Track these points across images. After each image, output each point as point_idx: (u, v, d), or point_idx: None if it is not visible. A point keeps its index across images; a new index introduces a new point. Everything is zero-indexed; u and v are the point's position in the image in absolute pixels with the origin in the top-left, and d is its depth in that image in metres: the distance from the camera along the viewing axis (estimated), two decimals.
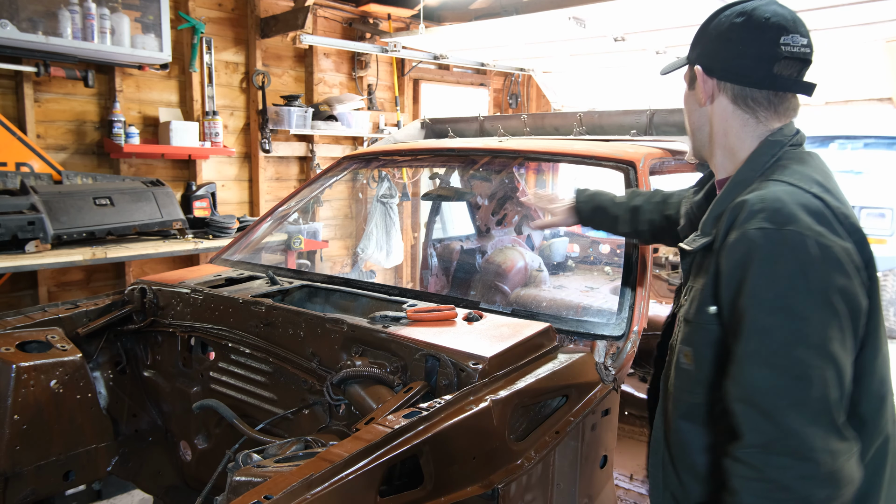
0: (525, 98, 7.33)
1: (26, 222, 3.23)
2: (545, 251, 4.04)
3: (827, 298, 1.09)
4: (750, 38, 1.27)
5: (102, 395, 2.32)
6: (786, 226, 1.11)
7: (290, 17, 4.71)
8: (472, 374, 1.55)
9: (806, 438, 1.06)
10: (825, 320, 1.09)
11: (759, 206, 1.15)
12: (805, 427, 1.06)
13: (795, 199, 1.15)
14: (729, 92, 1.31)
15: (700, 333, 1.27)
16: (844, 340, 1.10)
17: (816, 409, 1.07)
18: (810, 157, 1.30)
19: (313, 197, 3.43)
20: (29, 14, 3.51)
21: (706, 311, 1.24)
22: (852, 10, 3.61)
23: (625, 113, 2.96)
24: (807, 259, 1.09)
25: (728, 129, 1.33)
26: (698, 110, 1.37)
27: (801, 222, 1.11)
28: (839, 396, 1.09)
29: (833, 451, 1.06)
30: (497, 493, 1.35)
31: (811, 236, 1.10)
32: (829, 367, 1.08)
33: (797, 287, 1.09)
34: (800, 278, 1.09)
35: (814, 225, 1.11)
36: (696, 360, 1.28)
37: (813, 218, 1.12)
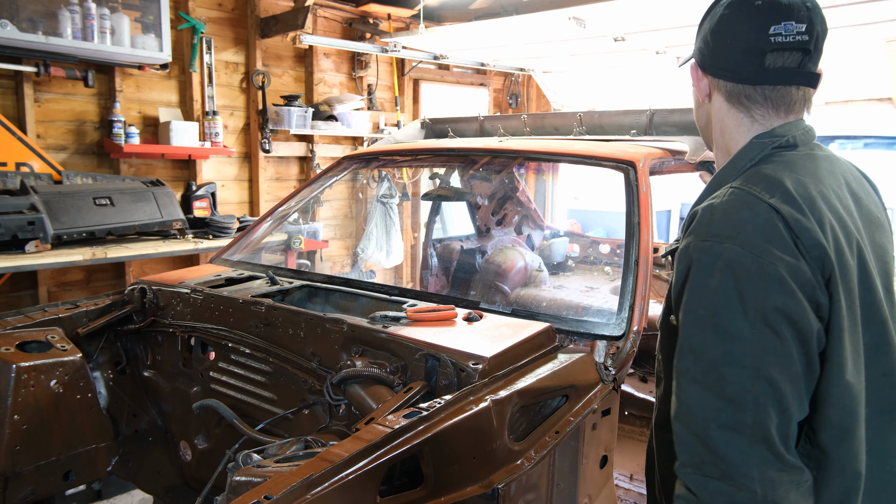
0: (525, 98, 7.33)
1: (26, 222, 3.23)
2: (545, 251, 4.04)
3: (765, 319, 1.01)
4: (738, 30, 1.17)
5: (102, 395, 2.32)
6: (726, 240, 1.05)
7: (290, 17, 4.71)
8: (472, 374, 1.55)
9: (737, 464, 1.00)
10: (762, 342, 1.01)
11: (706, 217, 1.10)
12: (736, 452, 1.00)
13: (745, 211, 1.08)
14: (723, 89, 1.23)
15: (665, 342, 1.24)
16: (788, 364, 1.02)
17: (751, 434, 1.00)
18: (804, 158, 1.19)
19: (313, 197, 3.43)
20: (29, 14, 3.51)
21: (667, 320, 1.20)
22: (852, 10, 3.61)
23: (625, 113, 2.96)
24: (743, 276, 1.03)
25: (724, 129, 1.25)
26: (701, 107, 1.31)
27: (743, 237, 1.04)
28: (781, 423, 1.02)
29: (770, 479, 0.99)
30: (497, 493, 1.35)
31: (752, 252, 1.03)
32: (765, 391, 1.01)
33: (731, 305, 1.03)
34: (734, 296, 1.03)
35: (758, 240, 1.04)
36: (665, 370, 1.24)
37: (759, 232, 1.05)
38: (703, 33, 1.25)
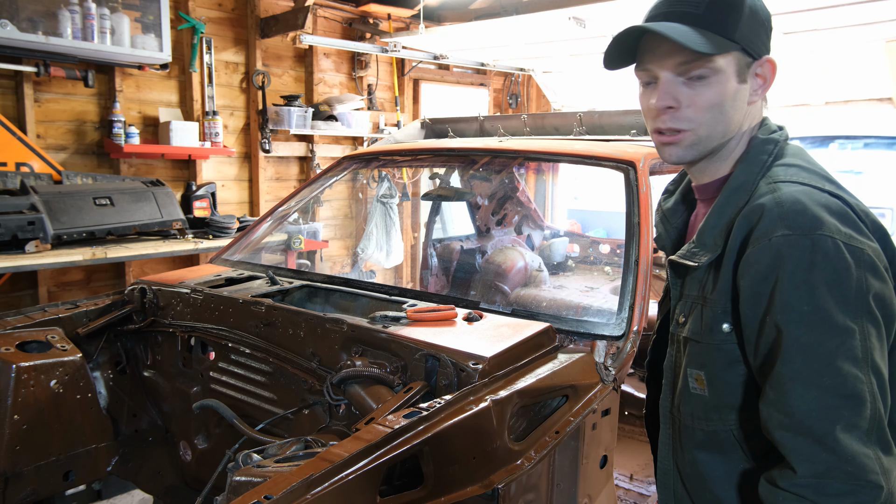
0: (525, 98, 7.33)
1: (26, 222, 3.23)
2: (545, 251, 4.04)
3: (866, 306, 0.99)
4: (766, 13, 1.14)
5: (102, 395, 2.32)
6: (814, 231, 1.00)
7: (290, 17, 4.71)
8: (472, 374, 1.55)
9: (862, 461, 0.96)
10: (867, 330, 0.99)
11: (776, 211, 1.04)
12: (861, 448, 0.97)
13: (815, 200, 1.04)
14: None
15: (714, 355, 1.15)
16: (884, 349, 1.02)
17: (868, 427, 0.98)
18: (801, 151, 1.19)
19: (313, 197, 3.43)
20: (29, 14, 3.51)
21: (720, 330, 1.13)
22: (852, 10, 3.61)
23: (625, 113, 2.96)
24: (841, 265, 0.99)
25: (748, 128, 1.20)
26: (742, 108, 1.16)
27: (827, 225, 1.01)
28: (886, 409, 1.00)
29: (887, 471, 0.98)
30: (497, 493, 1.35)
31: (841, 240, 1.00)
32: (876, 381, 0.99)
33: (836, 297, 0.99)
34: (837, 287, 0.99)
35: (841, 227, 1.01)
36: (711, 383, 1.16)
37: (838, 219, 1.02)
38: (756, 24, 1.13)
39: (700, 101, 1.13)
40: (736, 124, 1.17)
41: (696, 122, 1.15)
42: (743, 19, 1.10)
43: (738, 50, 1.11)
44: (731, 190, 1.16)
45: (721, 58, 1.11)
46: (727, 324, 1.12)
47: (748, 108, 1.17)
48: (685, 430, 1.23)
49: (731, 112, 1.15)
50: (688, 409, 1.21)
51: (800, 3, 3.59)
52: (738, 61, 1.12)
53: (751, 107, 1.17)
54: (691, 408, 1.20)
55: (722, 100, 1.13)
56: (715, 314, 1.14)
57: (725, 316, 1.12)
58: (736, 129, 1.17)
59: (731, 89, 1.13)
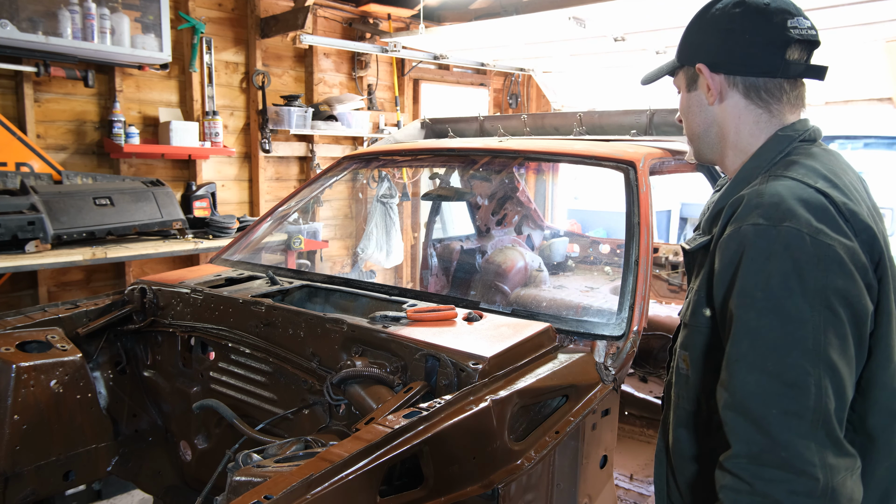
0: (525, 98, 7.33)
1: (26, 222, 3.23)
2: (545, 251, 4.04)
3: (825, 300, 1.00)
4: (756, 26, 1.19)
5: (102, 395, 2.32)
6: (782, 222, 1.04)
7: (290, 17, 4.71)
8: (472, 374, 1.55)
9: (799, 450, 0.98)
10: (822, 324, 1.00)
11: (755, 201, 1.09)
12: (798, 438, 0.98)
13: (795, 195, 1.07)
14: (740, 86, 1.22)
15: (696, 337, 1.21)
16: (845, 348, 1.02)
17: (811, 419, 0.99)
18: (825, 153, 1.21)
19: (313, 197, 3.43)
20: (29, 14, 3.51)
21: (701, 314, 1.19)
22: (852, 10, 3.61)
23: (625, 113, 2.96)
24: (802, 257, 1.01)
25: (740, 127, 1.24)
26: (703, 112, 1.28)
27: (799, 218, 1.04)
28: (837, 407, 1.01)
29: (830, 466, 0.98)
30: (497, 493, 1.35)
31: (809, 233, 1.02)
32: (825, 374, 1.00)
33: (791, 287, 1.01)
34: (794, 278, 1.01)
35: (813, 222, 1.03)
36: (693, 365, 1.22)
37: (813, 214, 1.04)
38: (707, 36, 1.24)
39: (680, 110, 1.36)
40: (706, 124, 1.29)
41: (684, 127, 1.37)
42: (684, 41, 1.29)
43: (684, 66, 1.30)
44: (735, 181, 1.23)
45: (678, 77, 1.33)
46: (707, 308, 1.18)
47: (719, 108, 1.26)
48: (675, 408, 1.30)
49: (691, 115, 1.31)
50: (676, 388, 1.29)
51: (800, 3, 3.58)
52: (686, 74, 1.30)
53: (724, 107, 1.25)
54: (679, 387, 1.28)
55: (682, 106, 1.34)
56: (699, 298, 1.20)
57: (706, 300, 1.18)
58: (707, 127, 1.29)
59: (684, 97, 1.33)
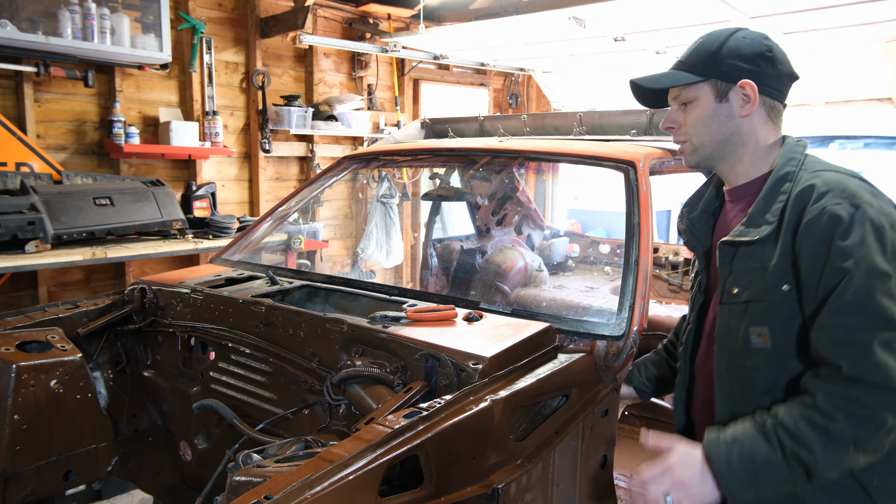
0: (525, 98, 7.33)
1: (26, 222, 3.23)
2: (545, 251, 4.04)
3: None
4: (783, 60, 1.48)
5: (102, 395, 2.32)
6: (856, 200, 1.31)
7: (290, 17, 4.71)
8: (472, 374, 1.55)
9: (893, 373, 1.21)
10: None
11: (825, 188, 1.35)
12: (892, 362, 1.21)
13: (851, 182, 1.36)
14: (766, 104, 1.49)
15: (776, 310, 1.38)
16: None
17: None
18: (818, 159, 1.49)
19: (313, 197, 3.43)
20: (29, 14, 3.51)
21: (780, 290, 1.38)
22: (852, 10, 3.61)
23: (625, 113, 2.96)
24: (879, 225, 1.29)
25: (760, 138, 1.50)
26: (730, 121, 1.49)
27: (865, 198, 1.32)
28: None
29: None
30: (497, 493, 1.35)
31: (877, 208, 1.31)
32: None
33: (877, 248, 1.27)
34: (878, 241, 1.28)
35: (873, 200, 1.33)
36: (773, 335, 1.39)
37: (870, 195, 1.34)
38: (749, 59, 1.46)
39: (688, 119, 1.53)
40: (730, 133, 1.50)
41: (689, 135, 1.54)
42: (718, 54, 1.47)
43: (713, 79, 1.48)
44: (776, 180, 1.45)
45: (697, 88, 1.50)
46: (787, 284, 1.37)
47: (746, 119, 1.49)
48: (748, 382, 1.44)
49: (716, 125, 1.50)
50: (750, 362, 1.43)
51: (800, 3, 3.59)
52: (715, 87, 1.49)
53: (749, 118, 1.49)
54: (754, 360, 1.42)
55: (703, 117, 1.50)
56: (776, 277, 1.38)
57: (786, 277, 1.37)
58: (731, 135, 1.50)
59: (709, 109, 1.50)
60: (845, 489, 1.36)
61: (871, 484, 1.36)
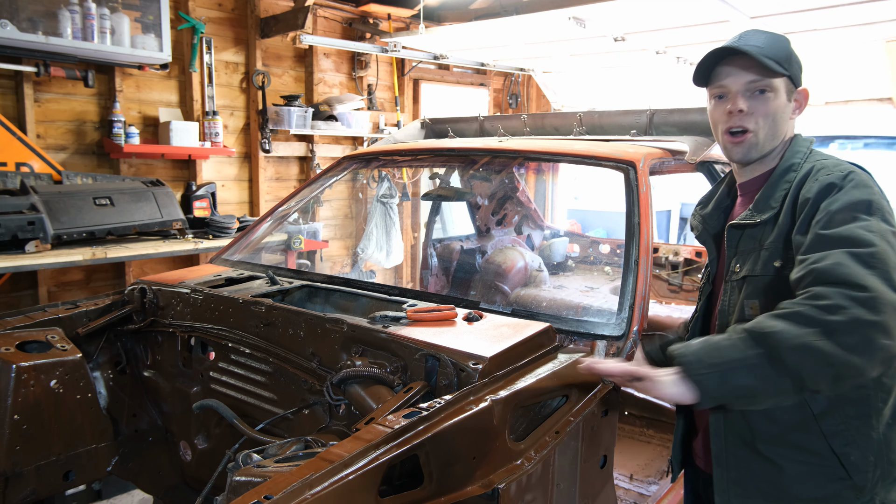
0: (525, 98, 7.33)
1: (26, 222, 3.23)
2: (545, 251, 4.05)
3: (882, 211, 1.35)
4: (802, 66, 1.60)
5: (102, 395, 2.32)
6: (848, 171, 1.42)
7: (290, 17, 4.71)
8: (472, 374, 1.55)
9: (883, 294, 1.21)
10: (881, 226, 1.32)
11: (821, 167, 1.46)
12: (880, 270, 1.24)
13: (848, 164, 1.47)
14: None
15: (767, 286, 1.46)
16: None
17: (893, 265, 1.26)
18: None
19: (313, 197, 3.43)
20: (29, 14, 3.51)
21: (772, 266, 1.45)
22: (852, 10, 3.61)
23: (625, 113, 2.96)
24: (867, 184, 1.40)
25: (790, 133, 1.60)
26: (788, 122, 1.57)
27: (858, 172, 1.42)
28: None
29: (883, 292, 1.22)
30: (497, 493, 1.35)
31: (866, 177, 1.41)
32: (886, 244, 1.29)
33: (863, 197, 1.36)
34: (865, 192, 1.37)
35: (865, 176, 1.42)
36: (763, 308, 1.43)
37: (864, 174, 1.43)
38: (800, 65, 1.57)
39: (762, 109, 1.53)
40: (782, 132, 1.56)
41: (758, 125, 1.53)
42: (791, 56, 1.54)
43: (787, 76, 1.52)
44: (781, 170, 1.54)
45: (778, 80, 1.51)
46: (779, 261, 1.45)
47: (792, 123, 1.59)
48: None
49: (780, 122, 1.54)
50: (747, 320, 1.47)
51: (800, 3, 3.59)
52: (787, 85, 1.54)
53: (792, 121, 1.59)
54: None
55: (776, 111, 1.53)
56: (770, 254, 1.47)
57: (777, 255, 1.45)
58: (782, 136, 1.57)
59: (782, 104, 1.53)
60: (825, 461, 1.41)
61: (848, 458, 1.39)
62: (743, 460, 1.51)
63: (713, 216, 1.72)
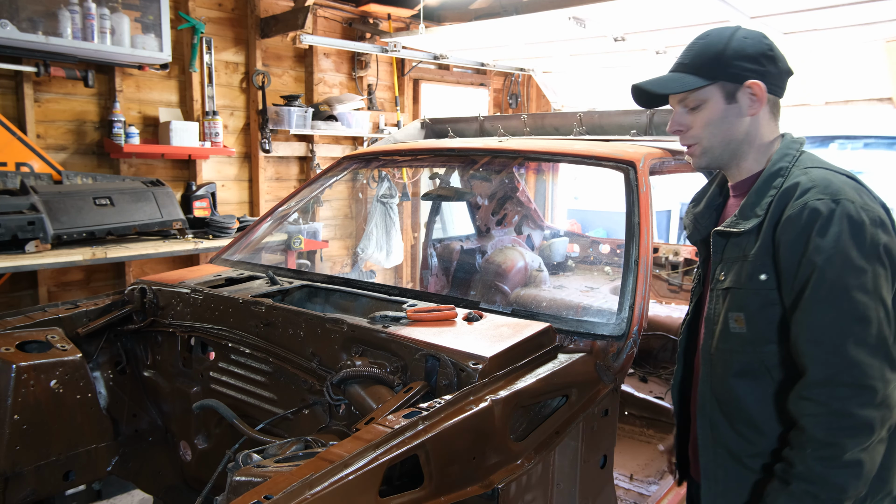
0: (525, 98, 7.33)
1: (26, 222, 3.23)
2: (545, 251, 4.04)
3: (877, 254, 1.31)
4: (782, 59, 1.52)
5: (102, 395, 2.32)
6: (838, 196, 1.34)
7: (290, 17, 4.71)
8: (472, 374, 1.55)
9: (866, 370, 1.26)
10: (877, 271, 1.31)
11: (810, 184, 1.38)
12: (866, 360, 1.26)
13: (837, 179, 1.39)
14: (769, 103, 1.52)
15: (752, 298, 1.44)
16: (890, 289, 1.33)
17: (874, 344, 1.28)
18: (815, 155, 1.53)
19: (313, 197, 3.43)
20: (29, 14, 3.51)
21: (758, 279, 1.42)
22: (852, 10, 3.61)
23: (625, 113, 2.96)
24: (858, 222, 1.32)
25: (763, 134, 1.53)
26: (739, 121, 1.51)
27: (848, 194, 1.35)
28: (890, 333, 1.31)
29: (886, 380, 1.27)
30: (497, 493, 1.35)
31: (858, 204, 1.34)
32: (881, 309, 1.30)
33: (854, 244, 1.30)
34: (855, 237, 1.31)
35: (856, 197, 1.35)
36: (749, 321, 1.44)
37: (854, 191, 1.37)
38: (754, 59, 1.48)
39: (699, 121, 1.53)
40: (738, 135, 1.52)
41: (698, 137, 1.54)
42: (722, 56, 1.48)
43: (721, 81, 1.48)
44: (768, 175, 1.48)
45: (706, 89, 1.50)
46: (765, 274, 1.42)
47: (753, 118, 1.51)
48: (723, 364, 1.50)
49: (727, 126, 1.51)
50: (727, 345, 1.49)
51: (800, 3, 3.59)
52: (723, 89, 1.49)
53: (756, 116, 1.51)
54: (730, 343, 1.48)
55: (713, 119, 1.51)
56: (755, 266, 1.43)
57: (763, 267, 1.42)
58: (741, 134, 1.52)
59: (719, 111, 1.51)
60: None
61: None
62: (731, 473, 1.51)
63: (705, 215, 1.69)
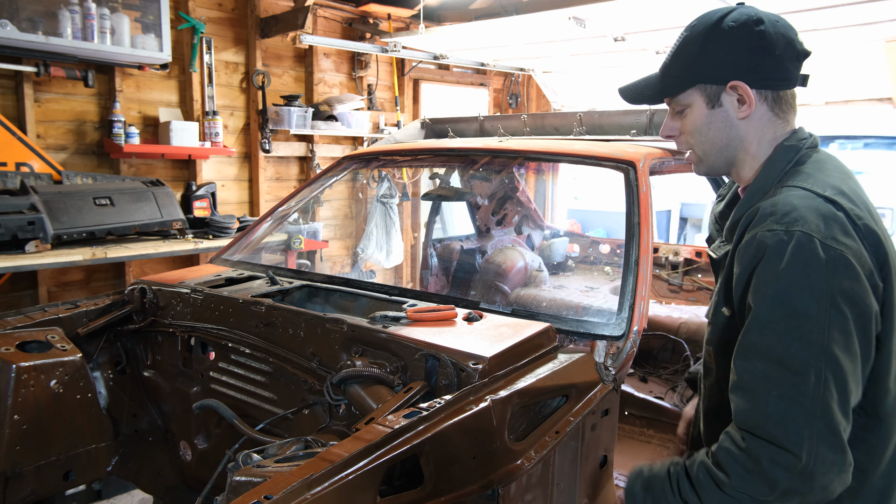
0: (525, 98, 7.33)
1: (26, 222, 3.23)
2: (545, 251, 4.05)
3: (831, 300, 1.10)
4: (781, 43, 1.27)
5: (102, 395, 2.32)
6: (794, 227, 1.14)
7: (290, 17, 4.71)
8: (472, 374, 1.55)
9: (789, 431, 1.08)
10: (827, 321, 1.09)
11: (770, 209, 1.19)
12: (791, 421, 1.08)
13: (807, 204, 1.17)
14: (769, 99, 1.30)
15: (717, 334, 1.33)
16: (849, 344, 1.10)
17: (809, 406, 1.08)
18: (829, 159, 1.31)
19: (313, 197, 3.43)
20: (29, 14, 3.51)
21: (721, 313, 1.30)
22: (852, 10, 3.61)
23: (625, 113, 2.96)
24: (811, 260, 1.11)
25: (762, 138, 1.33)
26: (729, 127, 1.32)
27: (809, 224, 1.13)
28: (840, 400, 1.09)
29: (818, 455, 1.07)
30: (497, 493, 1.35)
31: (819, 238, 1.12)
32: (827, 367, 1.09)
33: (801, 286, 1.11)
34: (804, 278, 1.11)
35: (822, 227, 1.13)
36: (716, 359, 1.34)
37: (822, 221, 1.14)
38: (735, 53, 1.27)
39: (686, 127, 1.38)
40: (731, 137, 1.33)
41: (690, 143, 1.39)
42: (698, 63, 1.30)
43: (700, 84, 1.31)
44: (751, 192, 1.31)
45: (687, 93, 1.34)
46: (726, 307, 1.29)
47: (745, 121, 1.31)
48: (704, 399, 1.44)
49: (713, 131, 1.34)
50: (705, 381, 1.42)
51: (800, 3, 3.59)
52: (704, 92, 1.32)
53: (751, 120, 1.31)
54: (706, 379, 1.41)
55: (697, 124, 1.35)
56: (719, 299, 1.32)
57: (724, 301, 1.29)
58: (735, 140, 1.33)
59: (702, 115, 1.33)
60: None
61: None
62: None
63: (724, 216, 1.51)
